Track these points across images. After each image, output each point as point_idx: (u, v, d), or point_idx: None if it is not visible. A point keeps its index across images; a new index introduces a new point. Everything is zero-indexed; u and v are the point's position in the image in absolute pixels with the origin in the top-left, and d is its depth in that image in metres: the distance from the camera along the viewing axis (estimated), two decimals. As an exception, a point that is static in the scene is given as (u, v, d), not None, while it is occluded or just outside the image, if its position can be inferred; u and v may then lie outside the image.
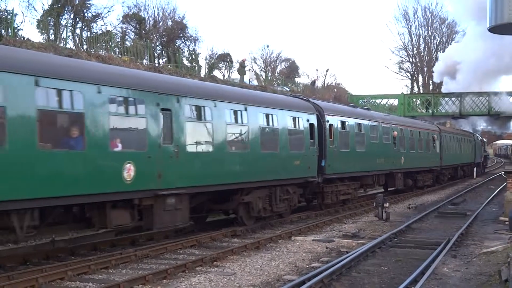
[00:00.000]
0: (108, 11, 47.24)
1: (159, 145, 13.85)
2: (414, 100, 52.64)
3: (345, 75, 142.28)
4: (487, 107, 47.34)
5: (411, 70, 75.97)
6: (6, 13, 26.96)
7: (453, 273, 12.23)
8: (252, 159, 17.41)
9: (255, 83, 46.86)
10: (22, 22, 44.01)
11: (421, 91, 70.48)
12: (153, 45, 40.66)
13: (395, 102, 51.49)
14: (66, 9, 35.91)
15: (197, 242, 15.48)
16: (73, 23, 36.73)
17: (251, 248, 14.99)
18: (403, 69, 76.33)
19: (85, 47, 32.36)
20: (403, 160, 30.40)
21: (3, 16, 26.46)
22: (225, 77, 44.26)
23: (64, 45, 29.13)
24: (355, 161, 24.31)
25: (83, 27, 37.94)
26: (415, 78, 75.79)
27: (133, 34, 43.25)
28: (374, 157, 26.43)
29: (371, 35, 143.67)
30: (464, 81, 52.72)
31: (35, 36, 64.41)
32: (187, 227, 16.56)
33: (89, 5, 37.92)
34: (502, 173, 43.61)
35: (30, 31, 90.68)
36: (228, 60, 49.65)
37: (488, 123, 60.39)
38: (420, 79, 75.72)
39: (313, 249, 15.37)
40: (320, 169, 21.25)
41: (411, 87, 74.61)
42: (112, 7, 54.36)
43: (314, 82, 59.47)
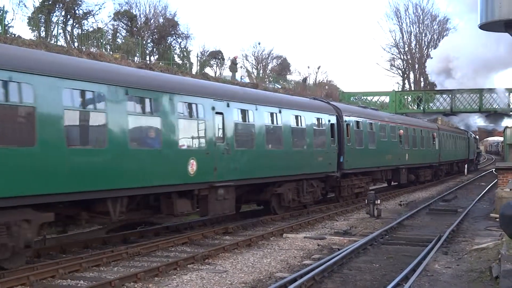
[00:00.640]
0: (100, 8, 47.10)
1: (214, 143, 16.10)
2: (406, 97, 52.68)
3: (336, 72, 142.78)
4: (478, 104, 47.45)
5: (402, 67, 76.11)
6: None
7: (444, 269, 12.27)
8: (285, 155, 19.71)
9: (247, 80, 46.73)
10: (13, 19, 43.64)
11: (413, 88, 70.61)
12: (144, 42, 40.54)
13: (386, 99, 51.51)
14: (57, 6, 35.75)
15: (189, 240, 15.50)
16: (64, 20, 36.60)
17: (242, 246, 14.99)
18: (395, 66, 76.54)
19: (76, 44, 32.23)
20: (407, 156, 32.57)
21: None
22: (216, 75, 44.18)
23: (55, 42, 29.00)
24: (367, 157, 26.51)
25: (74, 24, 37.82)
26: (406, 75, 75.98)
27: (124, 31, 43.14)
28: (383, 153, 28.84)
29: (362, 33, 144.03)
30: (462, 77, 52.87)
31: (26, 33, 64.14)
32: (179, 224, 17.53)
33: (80, 2, 37.83)
34: (493, 170, 43.79)
35: (21, 28, 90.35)
36: (220, 57, 49.57)
37: (481, 120, 60.59)
38: (412, 76, 75.95)
39: (304, 246, 15.39)
40: (338, 164, 23.41)
41: (402, 84, 74.77)
42: (103, 4, 54.31)
43: (305, 79, 59.35)
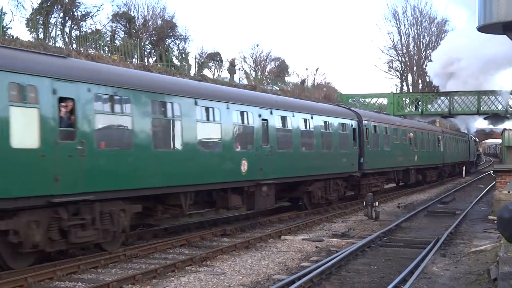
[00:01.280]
0: (98, 10, 47.37)
1: (260, 146, 18.30)
2: (404, 99, 52.62)
3: (334, 74, 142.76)
4: (476, 106, 47.42)
5: (400, 69, 76.10)
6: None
7: (442, 272, 12.28)
8: (316, 157, 21.91)
9: (245, 82, 46.70)
10: (11, 21, 43.76)
11: (411, 90, 70.63)
12: (142, 44, 40.52)
13: (384, 101, 51.48)
14: (56, 7, 35.73)
15: (187, 242, 15.49)
16: (63, 22, 36.57)
17: (241, 248, 15.00)
18: (393, 68, 76.46)
19: (74, 46, 32.19)
20: (416, 158, 34.95)
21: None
22: (215, 76, 44.16)
23: (53, 44, 28.98)
24: (383, 158, 29.01)
25: (73, 26, 37.78)
26: (404, 77, 75.94)
27: (122, 33, 43.08)
28: (396, 155, 31.30)
29: (360, 35, 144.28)
30: (466, 77, 52.87)
31: (24, 35, 64.23)
32: (177, 226, 17.61)
33: (78, 4, 37.83)
34: (491, 172, 43.90)
35: (19, 30, 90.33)
36: (218, 59, 49.56)
37: (481, 122, 60.59)
38: (410, 78, 75.98)
39: (302, 248, 15.39)
40: (359, 165, 25.58)
41: (400, 86, 74.75)
42: (101, 6, 54.35)
43: (303, 81, 59.34)
